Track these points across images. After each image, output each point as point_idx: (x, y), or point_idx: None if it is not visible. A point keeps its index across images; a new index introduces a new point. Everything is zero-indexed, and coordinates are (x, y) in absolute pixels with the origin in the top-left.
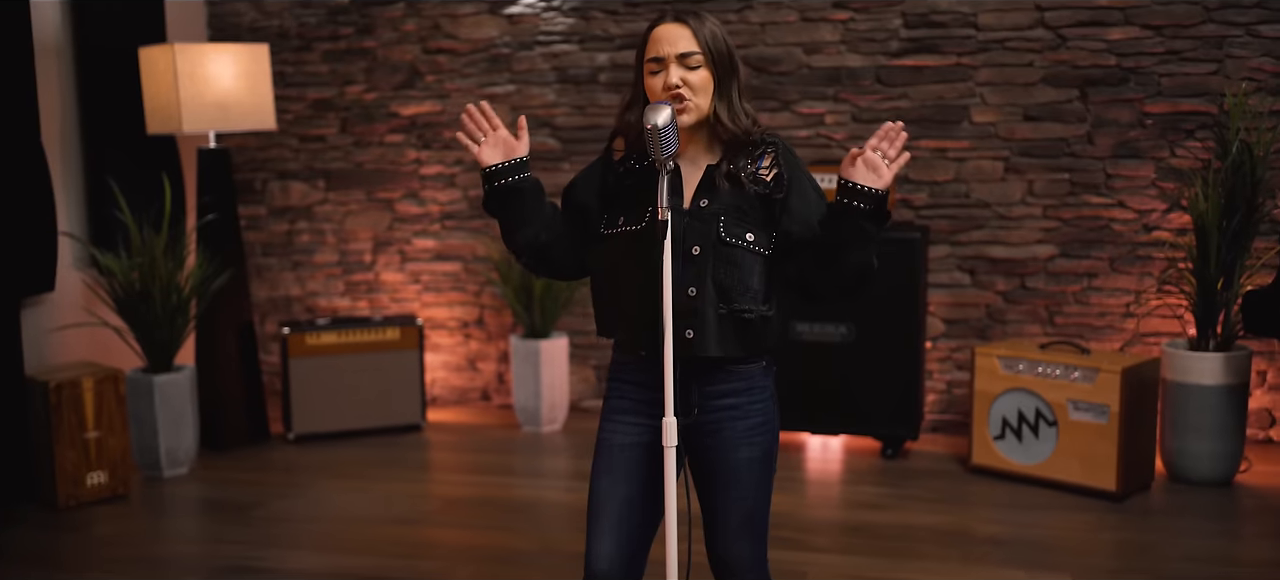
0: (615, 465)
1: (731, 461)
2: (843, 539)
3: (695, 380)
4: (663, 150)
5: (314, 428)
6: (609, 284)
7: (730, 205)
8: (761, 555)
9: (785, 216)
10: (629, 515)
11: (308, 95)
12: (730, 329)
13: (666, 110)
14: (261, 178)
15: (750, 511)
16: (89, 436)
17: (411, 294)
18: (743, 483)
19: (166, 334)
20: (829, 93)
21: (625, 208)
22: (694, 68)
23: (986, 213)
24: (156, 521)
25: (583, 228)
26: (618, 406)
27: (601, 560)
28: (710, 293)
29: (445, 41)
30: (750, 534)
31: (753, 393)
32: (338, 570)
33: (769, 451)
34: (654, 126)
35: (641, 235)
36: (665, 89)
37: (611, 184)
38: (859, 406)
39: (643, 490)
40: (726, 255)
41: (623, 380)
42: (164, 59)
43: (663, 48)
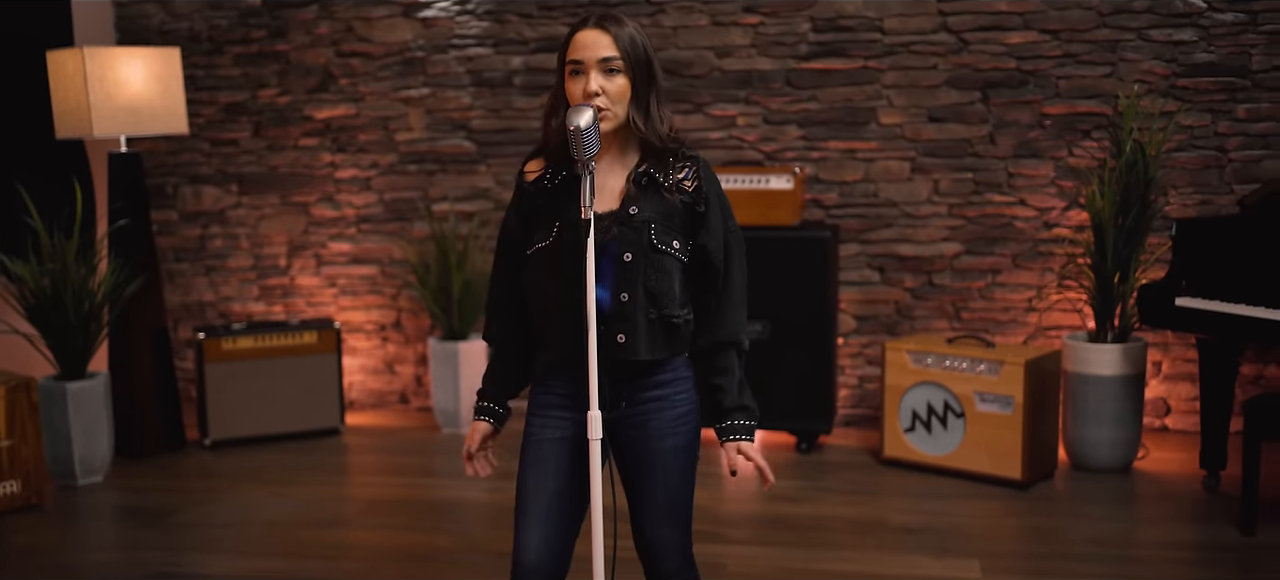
0: (543, 458)
1: (657, 451)
2: (760, 531)
3: (622, 377)
4: (584, 151)
5: (231, 433)
6: (533, 298)
7: (658, 213)
8: (686, 537)
9: (703, 231)
10: (557, 508)
11: (219, 99)
12: (660, 333)
13: (588, 112)
14: (173, 182)
15: (675, 497)
16: (1, 445)
17: (328, 297)
18: (669, 471)
19: (79, 341)
20: (740, 95)
21: (539, 226)
22: (613, 72)
23: (894, 212)
24: (72, 530)
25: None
26: (544, 402)
27: (530, 552)
28: (641, 298)
29: (359, 44)
30: (675, 519)
31: (676, 384)
32: (258, 574)
33: (692, 440)
34: (576, 128)
35: (551, 249)
36: (584, 94)
37: (526, 207)
38: (774, 402)
39: (570, 483)
40: (656, 262)
41: (549, 378)
42: (73, 62)
43: (583, 52)
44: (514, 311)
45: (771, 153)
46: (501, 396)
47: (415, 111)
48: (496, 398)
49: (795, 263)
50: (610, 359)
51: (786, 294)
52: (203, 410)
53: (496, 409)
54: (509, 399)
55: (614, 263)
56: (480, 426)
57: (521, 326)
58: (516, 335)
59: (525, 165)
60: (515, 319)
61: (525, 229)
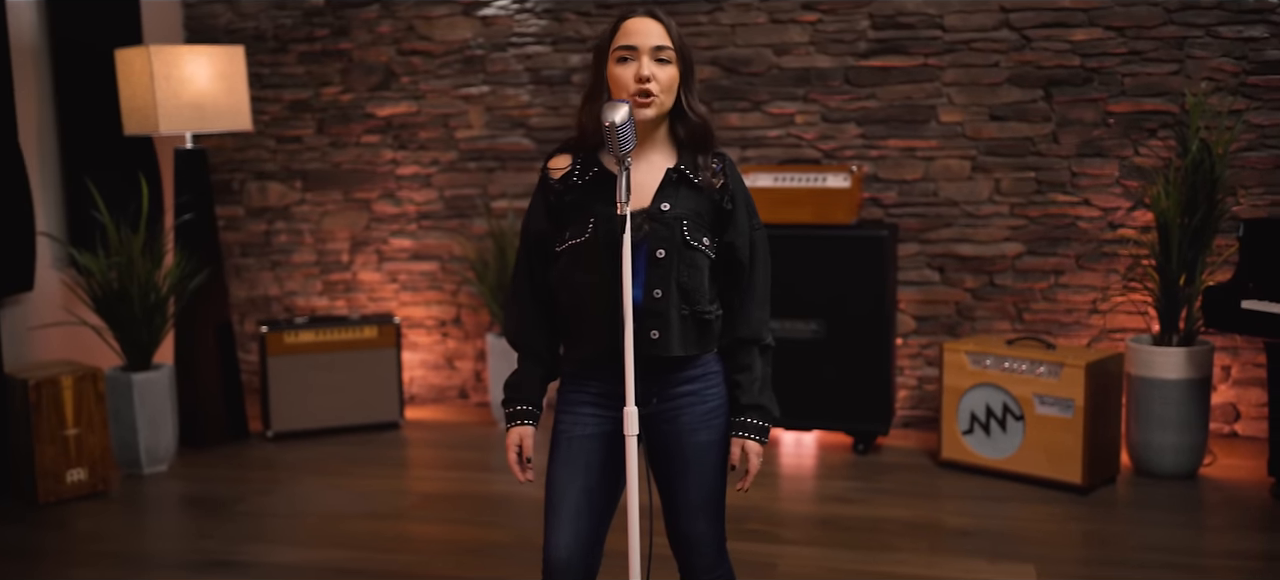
0: (574, 456)
1: (689, 446)
2: (813, 531)
3: (654, 373)
4: (620, 147)
5: (292, 425)
6: (565, 295)
7: (691, 210)
8: (720, 533)
9: (731, 228)
10: (588, 506)
11: (284, 96)
12: (692, 329)
13: (624, 107)
14: (239, 178)
15: (708, 493)
16: (68, 434)
17: (389, 293)
18: (701, 466)
19: (145, 333)
20: (798, 93)
21: (571, 222)
22: (664, 62)
23: (955, 211)
24: (136, 518)
25: (547, 256)
26: (575, 399)
27: (561, 550)
28: (675, 295)
29: (420, 43)
30: (708, 514)
31: (708, 379)
32: (315, 564)
33: (724, 435)
34: (612, 123)
35: (587, 245)
36: (636, 79)
37: (553, 204)
38: (830, 402)
39: (600, 480)
40: (689, 259)
41: (580, 376)
42: (140, 60)
43: (636, 38)
44: (540, 309)
45: (830, 151)
46: (536, 398)
47: (475, 109)
48: (531, 400)
49: (852, 262)
50: (643, 355)
51: (843, 293)
52: (265, 402)
53: (534, 411)
54: (542, 398)
55: (647, 259)
56: (526, 432)
57: (548, 324)
58: (543, 333)
59: (550, 161)
60: (542, 317)
61: (554, 225)
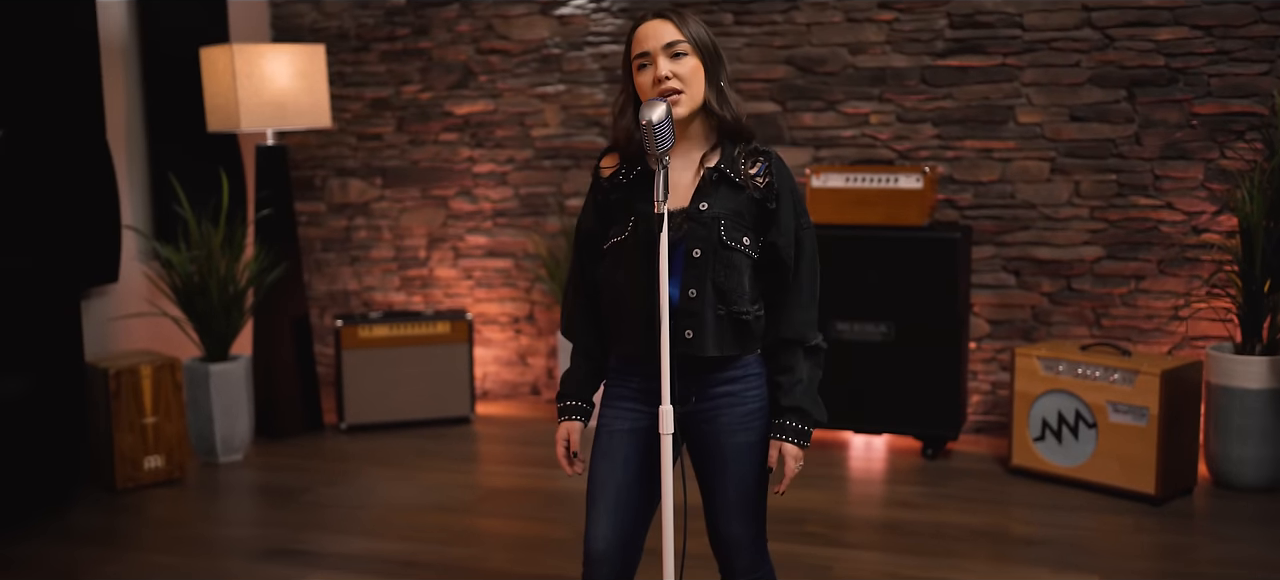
0: (614, 450)
1: (727, 446)
2: (873, 536)
3: (693, 371)
4: (658, 146)
5: (365, 418)
6: (607, 293)
7: (729, 209)
8: (759, 534)
9: (773, 228)
10: (626, 499)
11: (365, 95)
12: (728, 330)
13: (661, 106)
14: (321, 175)
15: (746, 493)
16: (147, 422)
17: (464, 289)
18: (740, 466)
19: (222, 325)
20: (874, 93)
21: (614, 221)
22: (680, 56)
23: (1032, 214)
24: (209, 504)
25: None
26: (617, 394)
27: (599, 541)
28: (710, 295)
29: (498, 42)
30: (746, 515)
31: (747, 381)
32: (375, 554)
33: (764, 436)
34: (649, 122)
35: (626, 243)
36: (655, 82)
37: (601, 202)
38: (900, 406)
39: (639, 474)
40: (726, 259)
41: (622, 372)
42: (223, 59)
43: (648, 43)
44: (591, 307)
45: (905, 152)
46: (586, 393)
47: (550, 108)
48: (582, 396)
49: (923, 264)
50: (679, 354)
51: (913, 296)
52: (340, 395)
53: (584, 407)
54: (592, 394)
55: (684, 258)
56: (574, 427)
57: (598, 321)
58: (594, 330)
59: (601, 159)
60: (593, 315)
61: (601, 224)
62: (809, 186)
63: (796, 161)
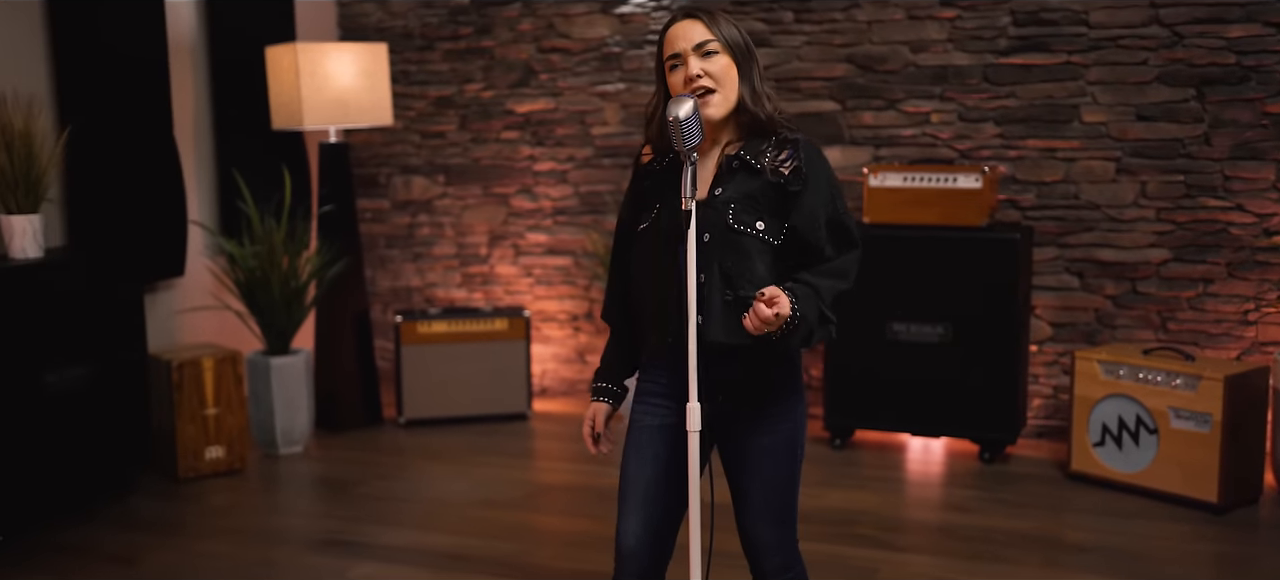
0: (643, 445)
1: (753, 448)
2: (923, 539)
3: (718, 367)
4: (686, 142)
5: (424, 413)
6: (633, 285)
7: (742, 194)
8: (787, 536)
9: (795, 211)
10: (656, 495)
11: (429, 93)
12: (736, 315)
13: (689, 102)
14: (385, 172)
15: (772, 495)
16: (208, 413)
17: (524, 287)
18: (766, 468)
19: (284, 319)
20: (935, 91)
21: (643, 209)
22: (711, 54)
23: (1096, 215)
24: (266, 495)
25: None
26: (647, 389)
27: (629, 537)
28: (717, 279)
29: (559, 40)
30: (773, 516)
31: (774, 381)
32: (421, 547)
33: (791, 438)
34: (675, 118)
35: (648, 232)
36: (687, 82)
37: (637, 191)
38: (957, 409)
39: (669, 471)
40: (733, 242)
41: (652, 366)
42: (287, 57)
43: (678, 43)
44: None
45: (966, 151)
46: (618, 377)
47: (610, 106)
48: (613, 378)
49: (981, 265)
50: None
51: (971, 297)
52: (399, 389)
53: (613, 389)
54: (625, 378)
55: (698, 245)
56: (600, 407)
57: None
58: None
59: (643, 149)
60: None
61: (636, 212)
62: (866, 186)
63: (856, 161)
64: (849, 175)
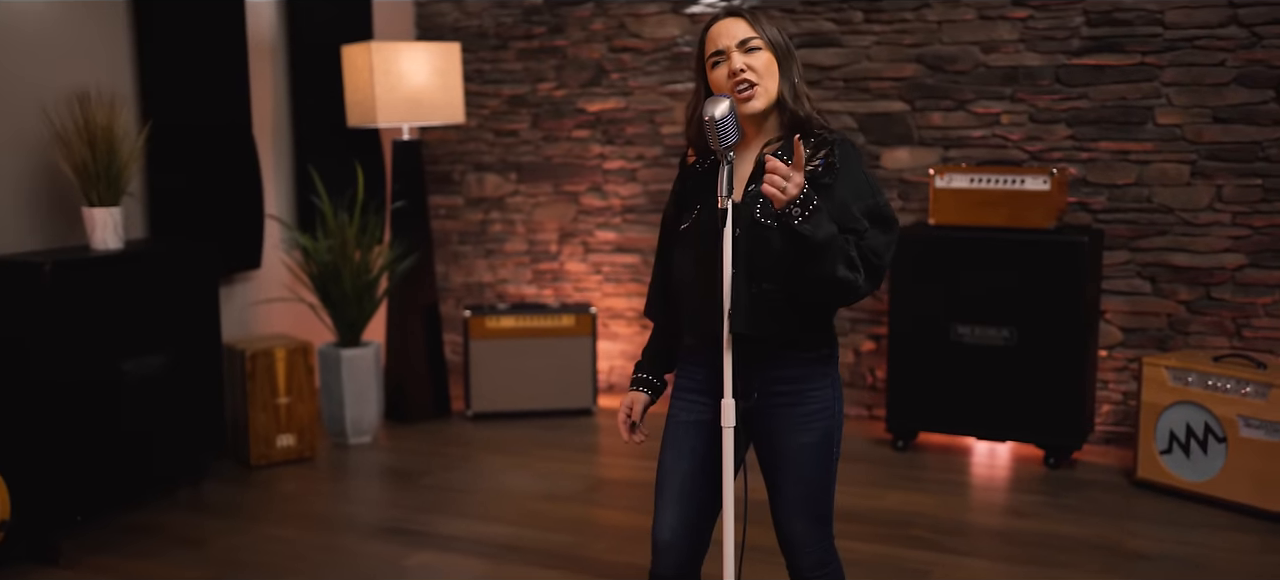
0: (679, 440)
1: (788, 445)
2: (978, 542)
3: (754, 365)
4: (722, 141)
5: (491, 407)
6: (677, 278)
7: None
8: (823, 534)
9: (826, 201)
10: (691, 489)
11: (503, 92)
12: (761, 308)
13: (725, 102)
14: (459, 169)
15: (808, 493)
16: (280, 402)
17: (593, 283)
18: (800, 466)
19: (355, 312)
20: (1006, 92)
21: (685, 209)
22: (754, 50)
23: (1170, 218)
24: (333, 483)
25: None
26: (684, 385)
27: (664, 530)
28: (744, 272)
29: (630, 40)
30: (808, 513)
31: (811, 380)
32: (479, 536)
33: (827, 436)
34: (711, 118)
35: (688, 232)
36: (730, 76)
37: (679, 190)
38: (1022, 413)
39: (704, 466)
40: (759, 235)
41: (689, 363)
42: (362, 56)
43: (721, 40)
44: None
45: (1036, 153)
46: (658, 370)
47: (680, 105)
48: (653, 371)
49: (1048, 268)
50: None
51: (1037, 300)
52: (467, 383)
53: (653, 380)
54: (665, 372)
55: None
56: (638, 397)
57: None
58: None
59: (688, 150)
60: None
61: (678, 210)
62: (932, 187)
63: (924, 162)
64: (917, 176)
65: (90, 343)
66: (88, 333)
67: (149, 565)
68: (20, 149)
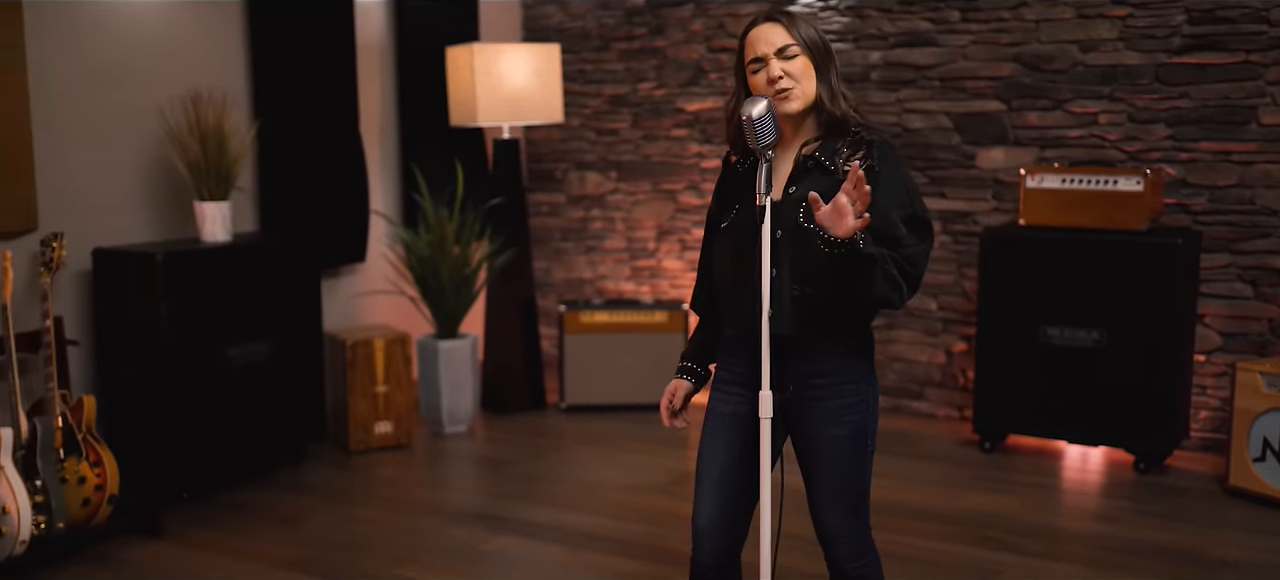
0: (717, 430)
1: (823, 438)
2: (1053, 545)
3: (789, 359)
4: (759, 140)
5: (584, 400)
6: (718, 274)
7: (816, 191)
8: (859, 526)
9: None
10: (727, 479)
11: (604, 91)
12: (803, 310)
13: (763, 102)
14: (562, 167)
15: (843, 486)
16: (378, 390)
17: (688, 281)
18: (835, 458)
19: (453, 305)
20: (1104, 91)
21: (729, 205)
22: (792, 57)
23: (1273, 221)
24: (425, 469)
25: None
26: (722, 377)
27: (703, 518)
28: (787, 274)
29: (729, 40)
30: (843, 506)
31: (845, 374)
32: (558, 524)
33: (861, 429)
34: (748, 117)
35: (730, 229)
36: (769, 83)
37: (721, 187)
38: (1112, 416)
39: (741, 456)
40: (803, 239)
41: (728, 355)
42: (464, 57)
43: (760, 47)
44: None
45: (1134, 153)
46: (702, 360)
47: None
48: (697, 361)
49: (1141, 270)
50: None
51: (1128, 303)
52: (562, 376)
53: (697, 369)
54: (709, 363)
55: (771, 241)
56: (681, 384)
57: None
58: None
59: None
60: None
61: (721, 208)
62: (1023, 187)
63: (1020, 162)
64: (1011, 177)
65: (198, 330)
66: (195, 321)
67: (243, 541)
68: (140, 146)
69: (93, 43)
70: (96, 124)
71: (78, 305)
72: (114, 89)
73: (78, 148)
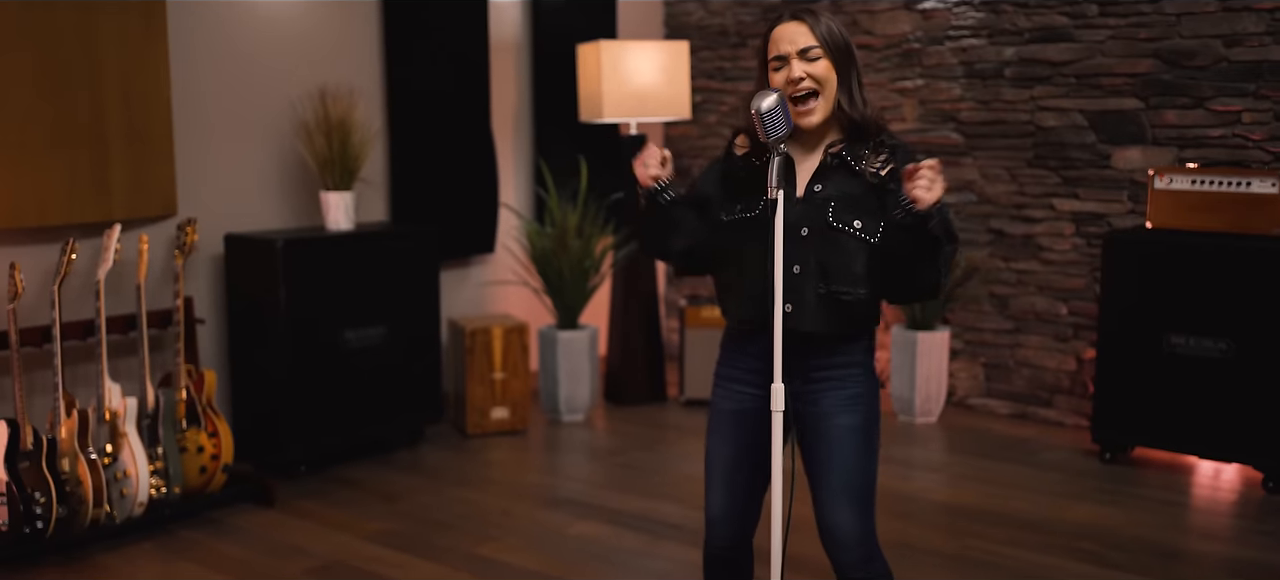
0: (721, 428)
1: (831, 428)
2: (1147, 561)
3: (797, 351)
4: (769, 134)
5: (703, 394)
6: (731, 264)
7: (842, 192)
8: (867, 527)
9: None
10: (735, 474)
11: (741, 88)
12: (827, 308)
13: (773, 95)
14: (698, 164)
15: (850, 481)
16: (496, 377)
17: None
18: (843, 451)
19: (573, 297)
20: (1248, 88)
21: (744, 196)
22: (814, 59)
23: None
24: (538, 455)
25: (705, 217)
26: (727, 374)
27: (715, 508)
28: (812, 272)
29: (862, 37)
30: (851, 502)
31: (851, 367)
32: (644, 513)
33: (868, 421)
34: (758, 111)
35: (756, 220)
36: (789, 83)
37: (728, 171)
38: (1239, 431)
39: (747, 451)
40: (832, 239)
41: (732, 350)
42: (593, 54)
43: (783, 45)
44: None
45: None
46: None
47: (909, 102)
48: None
49: (1272, 278)
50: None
51: (1259, 312)
52: (682, 369)
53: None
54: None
55: (794, 237)
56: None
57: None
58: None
59: (736, 138)
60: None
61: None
62: (1151, 188)
63: (1157, 162)
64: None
65: (316, 314)
66: (314, 305)
67: (344, 513)
68: (273, 138)
69: (233, 40)
70: (233, 117)
71: (210, 287)
72: (250, 84)
73: (215, 139)
